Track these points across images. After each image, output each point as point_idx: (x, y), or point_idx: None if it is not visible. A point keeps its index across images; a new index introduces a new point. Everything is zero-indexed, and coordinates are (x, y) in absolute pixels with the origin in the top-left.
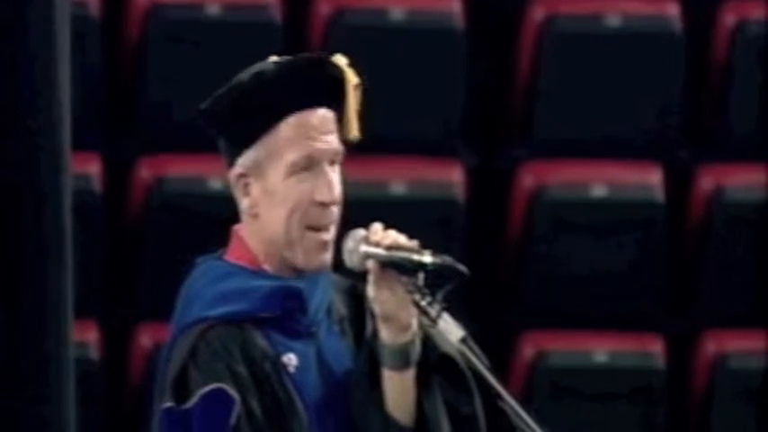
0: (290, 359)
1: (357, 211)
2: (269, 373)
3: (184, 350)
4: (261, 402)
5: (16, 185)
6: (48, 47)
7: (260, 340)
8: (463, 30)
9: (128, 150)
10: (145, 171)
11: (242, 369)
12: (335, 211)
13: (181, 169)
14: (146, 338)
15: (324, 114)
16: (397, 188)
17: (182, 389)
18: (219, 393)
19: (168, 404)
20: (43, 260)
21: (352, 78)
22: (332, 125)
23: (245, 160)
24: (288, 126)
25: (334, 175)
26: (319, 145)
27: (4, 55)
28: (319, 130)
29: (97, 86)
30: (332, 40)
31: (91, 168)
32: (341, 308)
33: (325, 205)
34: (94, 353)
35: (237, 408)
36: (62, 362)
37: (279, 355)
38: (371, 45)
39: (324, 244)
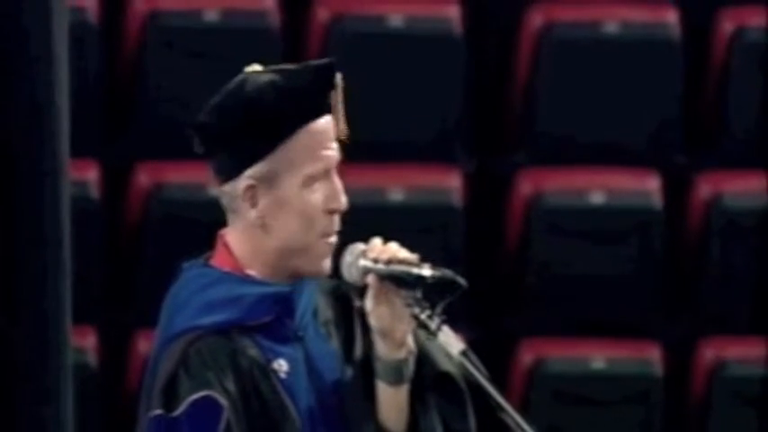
0: (281, 365)
1: (355, 218)
2: (258, 381)
3: (174, 358)
4: (249, 412)
5: (15, 192)
6: (46, 53)
7: (249, 348)
8: (462, 36)
9: (126, 157)
10: (143, 177)
11: (230, 382)
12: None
13: (179, 176)
14: (144, 345)
15: (328, 121)
16: (395, 195)
17: (171, 396)
18: (208, 400)
19: (157, 411)
20: (42, 266)
21: (339, 81)
22: (333, 130)
23: (255, 172)
24: (305, 135)
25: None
26: (331, 153)
27: (2, 62)
28: (329, 137)
29: (96, 93)
30: (330, 47)
31: (89, 175)
32: (326, 310)
33: (334, 212)
34: (93, 359)
35: (226, 415)
36: (61, 367)
37: (269, 361)
38: (370, 51)
39: (332, 249)
